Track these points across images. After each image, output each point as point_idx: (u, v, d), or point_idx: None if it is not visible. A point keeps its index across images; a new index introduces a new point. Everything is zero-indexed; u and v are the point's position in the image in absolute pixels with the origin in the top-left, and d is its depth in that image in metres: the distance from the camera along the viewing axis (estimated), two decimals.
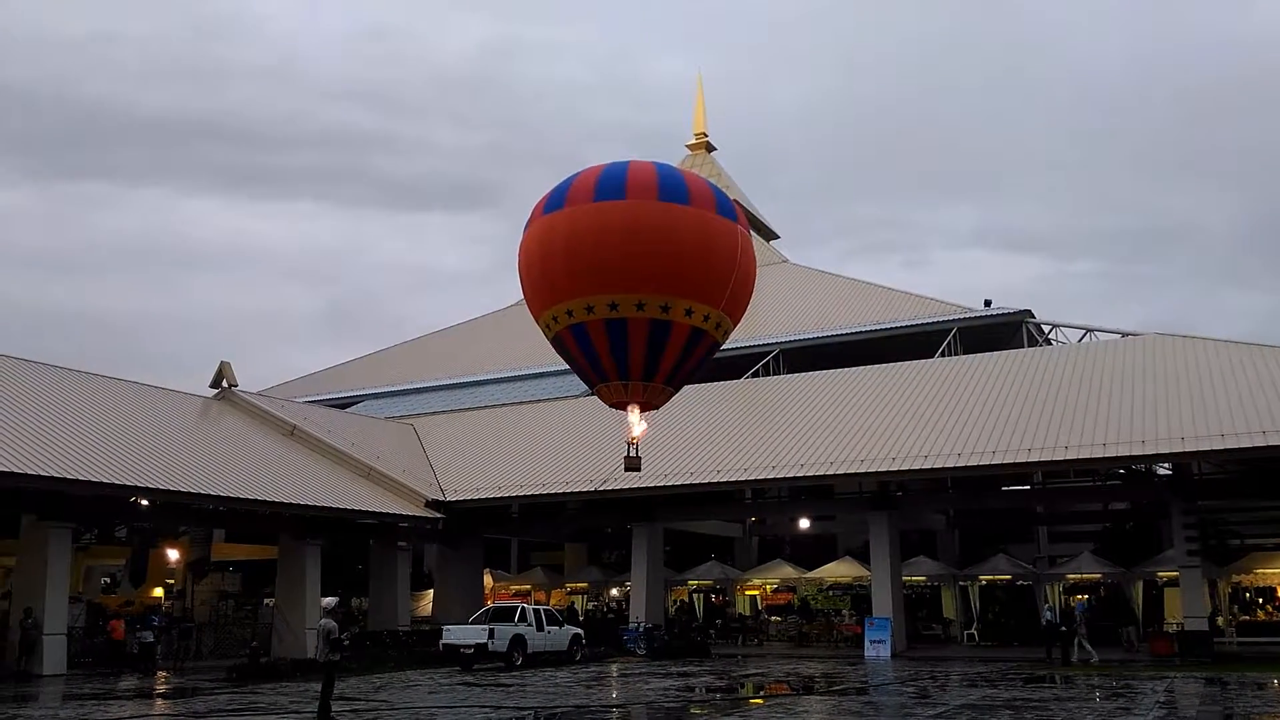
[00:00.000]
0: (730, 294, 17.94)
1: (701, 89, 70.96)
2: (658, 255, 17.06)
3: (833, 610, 37.85)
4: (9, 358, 32.06)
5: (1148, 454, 27.77)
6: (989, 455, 29.01)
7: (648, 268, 17.04)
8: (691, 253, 17.30)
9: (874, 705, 18.47)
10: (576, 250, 17.33)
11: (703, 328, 17.89)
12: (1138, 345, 36.07)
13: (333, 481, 34.32)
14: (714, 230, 17.62)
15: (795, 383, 41.47)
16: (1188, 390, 29.96)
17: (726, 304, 18.05)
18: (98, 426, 29.39)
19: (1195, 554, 29.41)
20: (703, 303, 17.62)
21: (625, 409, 18.89)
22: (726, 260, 17.67)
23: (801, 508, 38.79)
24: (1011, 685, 21.51)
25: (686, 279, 17.32)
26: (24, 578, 27.21)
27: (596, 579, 43.19)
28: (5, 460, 23.64)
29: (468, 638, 27.98)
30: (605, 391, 18.77)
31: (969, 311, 48.04)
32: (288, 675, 25.17)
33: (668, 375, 18.39)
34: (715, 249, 17.58)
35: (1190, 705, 18.03)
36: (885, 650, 30.52)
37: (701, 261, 17.43)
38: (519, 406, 46.48)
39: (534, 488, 35.60)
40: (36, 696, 21.09)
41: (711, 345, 18.66)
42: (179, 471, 28.52)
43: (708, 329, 18.03)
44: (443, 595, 38.86)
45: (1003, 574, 36.14)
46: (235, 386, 39.78)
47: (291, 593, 32.18)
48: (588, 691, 21.87)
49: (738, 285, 18.06)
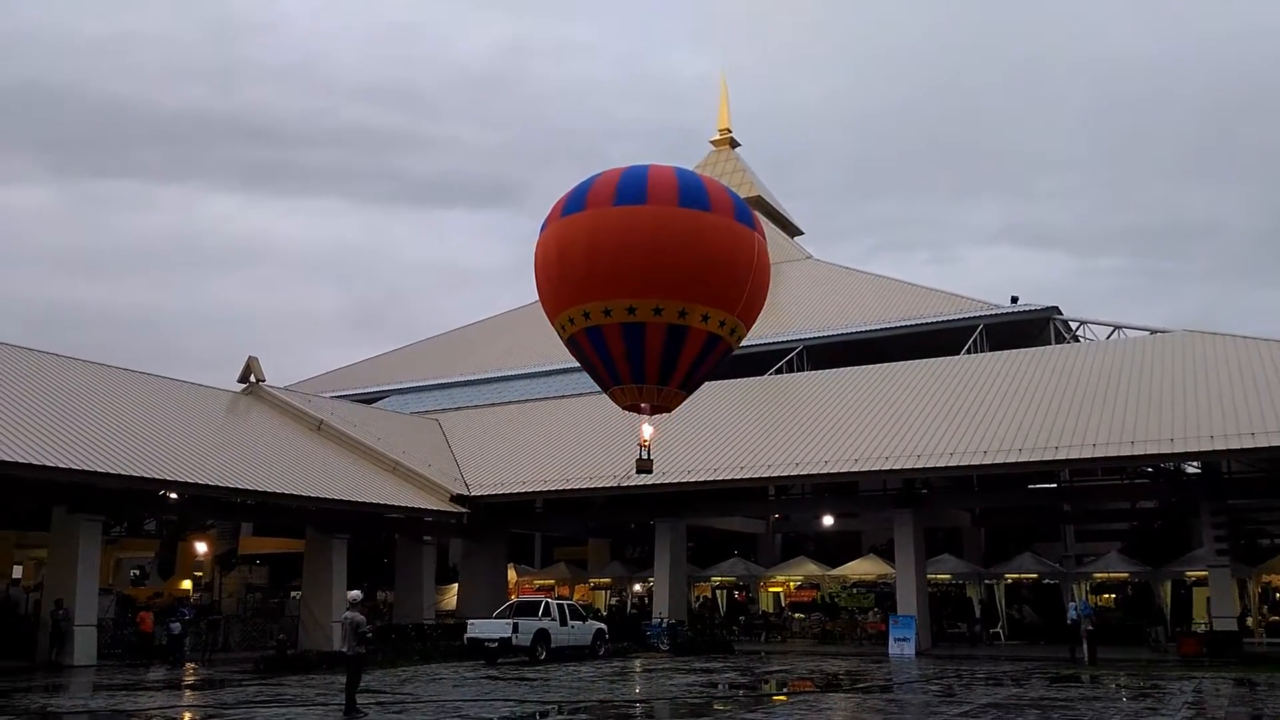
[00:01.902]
0: (746, 300, 18.09)
1: (725, 85, 70.88)
2: (679, 261, 17.12)
3: (857, 608, 37.75)
4: (40, 352, 32.48)
5: (1177, 452, 27.50)
6: (1015, 453, 28.82)
7: (669, 273, 17.11)
8: (712, 260, 17.38)
9: (898, 703, 18.40)
10: (597, 253, 17.38)
11: (718, 333, 17.99)
12: (1166, 342, 35.72)
13: (359, 476, 34.55)
14: (734, 238, 17.72)
15: (819, 379, 41.33)
16: (1218, 388, 29.64)
17: (742, 310, 18.19)
18: (127, 420, 29.72)
19: (1224, 553, 29.14)
20: (720, 309, 17.71)
21: (638, 412, 18.96)
22: (744, 267, 17.80)
23: (825, 505, 38.69)
24: (1037, 684, 21.39)
25: (706, 285, 17.41)
26: (55, 569, 27.62)
27: (620, 574, 43.26)
28: (37, 453, 23.97)
29: (492, 632, 28.11)
30: (619, 394, 18.84)
31: (995, 308, 47.70)
32: (314, 667, 25.38)
33: (682, 380, 18.48)
34: (735, 256, 17.69)
35: (1219, 706, 17.86)
36: (910, 648, 30.40)
37: (721, 268, 17.53)
38: (543, 402, 46.61)
39: (558, 483, 35.70)
40: (67, 687, 21.38)
41: (726, 350, 18.77)
42: (207, 465, 28.81)
43: (723, 335, 18.13)
44: (467, 589, 39.07)
45: (1029, 573, 35.92)
46: (263, 382, 40.14)
47: (318, 586, 32.44)
48: (611, 686, 21.94)
49: (753, 292, 18.21)
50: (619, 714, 16.98)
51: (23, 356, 31.32)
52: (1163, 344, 35.62)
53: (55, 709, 17.42)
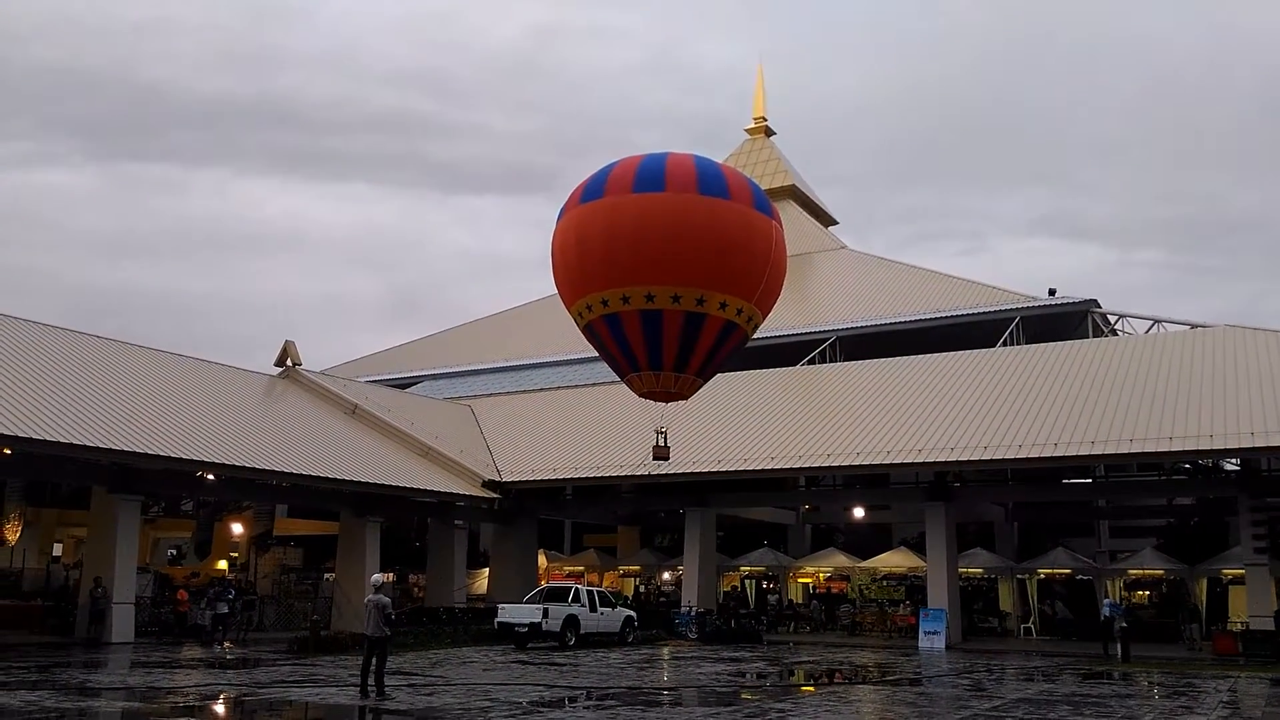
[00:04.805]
0: (763, 288, 18.09)
1: (761, 74, 70.55)
2: (698, 249, 17.13)
3: (887, 600, 37.59)
4: (79, 334, 32.95)
5: (1215, 449, 27.09)
6: (1050, 447, 28.55)
7: (687, 261, 17.12)
8: (731, 247, 17.39)
9: (928, 696, 18.31)
10: (615, 241, 17.40)
11: (735, 321, 18.02)
12: (1207, 337, 35.19)
13: (392, 460, 34.84)
14: (752, 226, 17.72)
15: (852, 370, 41.12)
16: (1258, 384, 29.19)
17: (759, 298, 18.21)
18: (166, 402, 30.12)
19: (1262, 551, 28.73)
20: (737, 296, 17.74)
21: (654, 399, 18.99)
22: (762, 255, 17.81)
23: (856, 496, 38.54)
24: (1069, 680, 21.22)
25: (724, 273, 17.42)
26: (94, 548, 28.10)
27: (649, 562, 43.36)
28: (77, 434, 24.37)
29: (522, 617, 28.31)
30: (636, 381, 18.89)
31: (1032, 300, 47.23)
32: (347, 648, 25.67)
33: (699, 367, 18.51)
34: (753, 244, 17.70)
35: (1255, 706, 17.65)
36: (940, 642, 30.26)
37: (740, 256, 17.53)
38: (575, 389, 46.73)
39: (588, 470, 35.80)
40: (105, 663, 21.76)
41: (742, 338, 18.79)
42: (244, 448, 29.16)
43: (740, 322, 18.16)
44: (498, 574, 39.32)
45: (1062, 568, 35.59)
46: (299, 365, 40.54)
47: (351, 568, 32.76)
48: (640, 673, 22.02)
49: (771, 279, 18.22)
50: (647, 701, 17.04)
51: (63, 338, 31.80)
52: (1203, 338, 35.10)
53: (94, 685, 17.73)
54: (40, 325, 31.77)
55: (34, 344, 29.79)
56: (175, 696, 16.63)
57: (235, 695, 16.93)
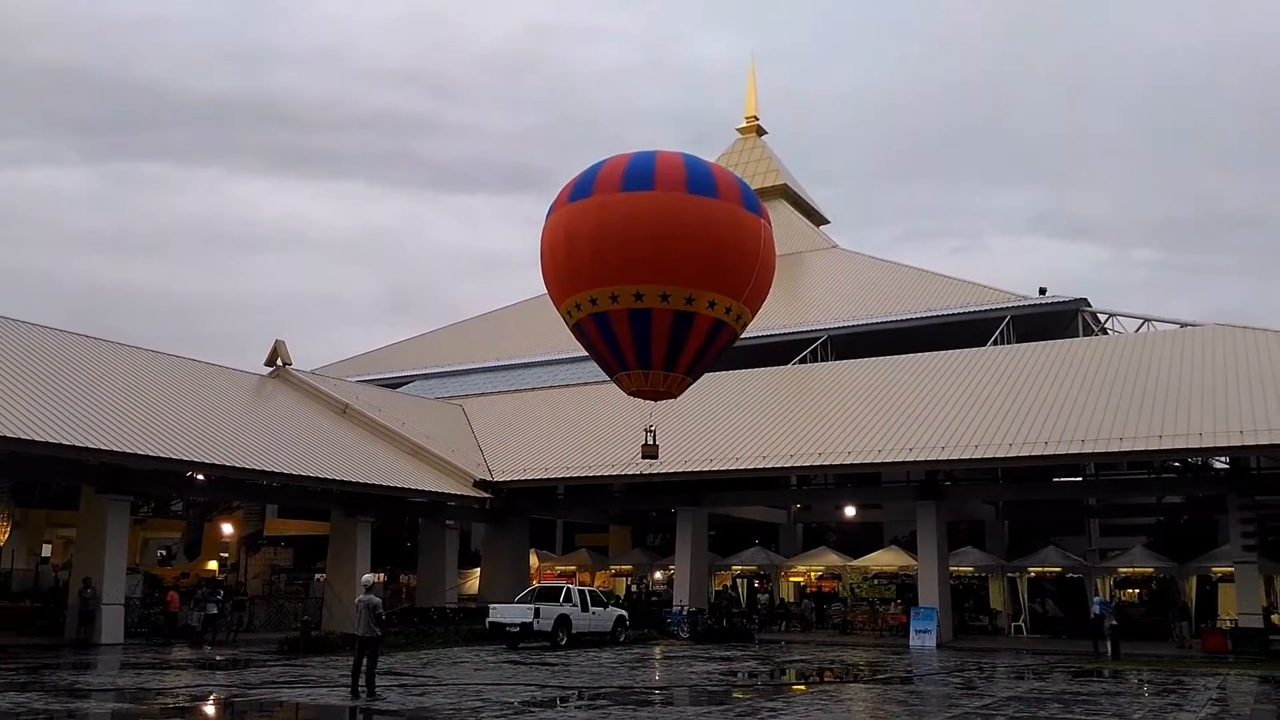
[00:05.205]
0: (752, 287, 18.11)
1: (753, 74, 70.57)
2: (687, 248, 17.13)
3: (878, 599, 37.64)
4: (69, 334, 32.82)
5: (1205, 447, 27.21)
6: (1040, 446, 28.63)
7: (676, 260, 17.12)
8: (720, 246, 17.40)
9: (919, 695, 18.34)
10: (604, 239, 17.39)
11: (724, 319, 18.03)
12: (1196, 336, 35.32)
13: (383, 460, 34.77)
14: (741, 225, 17.74)
15: (843, 369, 41.17)
16: (1247, 382, 29.30)
17: (748, 297, 18.22)
18: (156, 402, 30.01)
19: (1251, 549, 28.86)
20: (725, 295, 17.75)
21: (643, 398, 19.00)
22: (751, 254, 17.84)
23: (847, 495, 38.60)
24: (1059, 678, 21.28)
25: (713, 272, 17.43)
26: (83, 548, 27.96)
27: (641, 562, 43.34)
28: (66, 433, 24.25)
29: (513, 616, 28.27)
30: (625, 380, 18.91)
31: (1023, 299, 47.35)
32: (338, 649, 25.58)
33: (688, 366, 18.55)
34: (742, 243, 17.73)
35: (1244, 703, 17.71)
36: (931, 640, 30.33)
37: (728, 255, 17.55)
38: (566, 389, 46.69)
39: (580, 469, 35.79)
40: (95, 665, 21.65)
41: (731, 337, 18.82)
42: (234, 448, 29.07)
43: (728, 321, 18.18)
44: (489, 574, 39.28)
45: (1052, 566, 35.69)
46: (289, 365, 40.44)
47: (342, 568, 32.70)
48: (631, 672, 22.01)
49: (759, 279, 18.26)
50: (639, 700, 17.03)
51: (52, 338, 31.66)
52: (1193, 337, 35.24)
53: (83, 686, 17.64)
54: (28, 325, 31.61)
55: (22, 343, 29.66)
56: (165, 698, 16.54)
57: (225, 696, 16.86)
